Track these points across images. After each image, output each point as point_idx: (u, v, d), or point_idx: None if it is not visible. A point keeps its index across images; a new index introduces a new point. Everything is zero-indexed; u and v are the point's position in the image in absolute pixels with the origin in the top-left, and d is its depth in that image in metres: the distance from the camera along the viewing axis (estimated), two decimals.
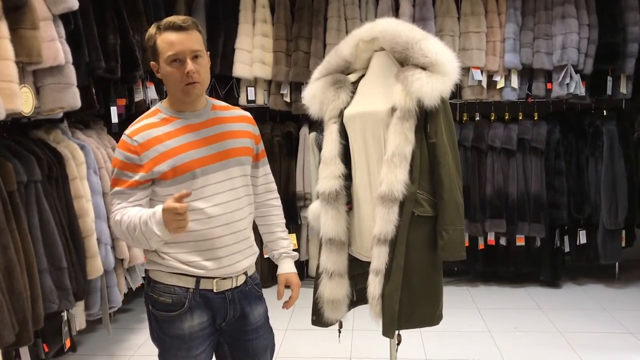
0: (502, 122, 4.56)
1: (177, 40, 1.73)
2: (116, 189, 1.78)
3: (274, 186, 2.14)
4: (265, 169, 2.10)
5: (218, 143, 1.85)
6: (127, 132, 1.81)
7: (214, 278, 1.84)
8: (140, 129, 1.80)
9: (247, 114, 2.04)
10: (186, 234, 1.74)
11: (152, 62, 1.83)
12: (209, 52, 1.86)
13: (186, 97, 1.80)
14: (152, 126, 1.80)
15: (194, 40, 1.77)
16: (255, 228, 2.03)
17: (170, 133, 1.80)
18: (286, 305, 2.11)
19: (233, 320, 1.91)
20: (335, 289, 2.31)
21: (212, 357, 1.96)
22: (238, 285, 1.91)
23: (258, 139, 2.04)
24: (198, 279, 1.83)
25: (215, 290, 1.85)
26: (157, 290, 1.84)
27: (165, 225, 1.64)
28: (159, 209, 1.67)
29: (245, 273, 1.95)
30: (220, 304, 1.87)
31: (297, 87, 4.48)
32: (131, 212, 1.74)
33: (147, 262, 1.91)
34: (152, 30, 1.79)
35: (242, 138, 1.93)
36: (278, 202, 2.15)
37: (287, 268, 2.11)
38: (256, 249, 2.00)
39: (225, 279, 1.87)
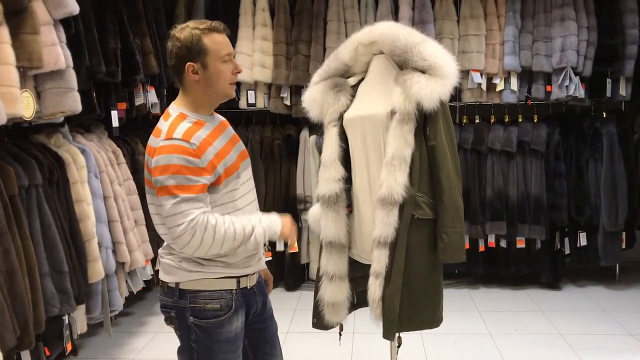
0: (501, 124, 4.57)
1: (225, 42, 1.83)
2: (182, 195, 1.70)
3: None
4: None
5: (237, 144, 1.95)
6: (176, 135, 1.73)
7: (248, 275, 1.92)
8: (190, 131, 1.76)
9: None
10: None
11: (189, 63, 1.78)
12: None
13: (227, 97, 1.87)
14: (196, 129, 1.79)
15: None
16: None
17: (211, 135, 1.82)
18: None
19: (258, 312, 2.00)
20: (335, 291, 2.32)
21: None
22: (258, 279, 2.01)
23: None
24: (238, 279, 1.88)
25: (248, 287, 1.93)
26: (202, 299, 1.83)
27: (282, 231, 1.89)
28: (270, 216, 1.88)
29: None
30: (253, 298, 1.96)
31: (297, 91, 4.49)
32: (226, 218, 1.79)
33: (174, 275, 1.84)
34: (192, 31, 1.78)
35: (241, 140, 2.03)
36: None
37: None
38: None
39: (253, 274, 1.96)
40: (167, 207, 1.71)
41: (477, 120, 4.65)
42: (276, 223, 1.89)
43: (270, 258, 4.38)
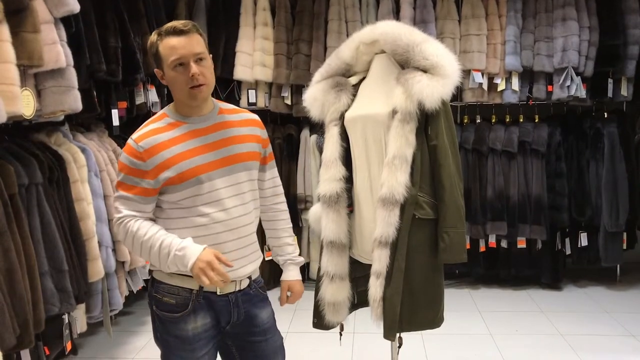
0: (503, 124, 4.56)
1: (179, 45, 1.73)
2: (121, 192, 1.78)
3: (281, 190, 2.14)
4: (273, 172, 2.10)
5: (224, 148, 1.85)
6: (133, 136, 1.79)
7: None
8: (146, 134, 1.79)
9: (256, 117, 2.03)
10: (192, 239, 1.75)
11: (156, 69, 1.83)
12: (211, 55, 1.85)
13: (193, 101, 1.80)
14: (158, 131, 1.79)
15: (196, 43, 1.76)
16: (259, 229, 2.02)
17: (176, 139, 1.79)
18: (281, 302, 2.13)
19: (239, 323, 1.91)
20: (336, 291, 2.32)
21: (215, 359, 1.96)
22: (242, 288, 1.91)
23: (266, 143, 2.04)
24: None
25: (218, 293, 1.85)
26: (161, 291, 1.84)
27: (194, 267, 1.67)
28: (187, 247, 1.70)
29: (250, 277, 1.95)
30: (224, 307, 1.87)
31: (297, 90, 4.49)
32: (150, 229, 1.75)
33: (150, 263, 1.90)
34: (153, 37, 1.79)
35: (249, 142, 1.93)
36: (285, 207, 2.15)
37: (291, 275, 2.12)
38: (260, 254, 2.00)
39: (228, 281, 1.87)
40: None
41: (478, 120, 4.65)
42: (190, 256, 1.69)
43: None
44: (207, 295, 1.84)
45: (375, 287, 2.18)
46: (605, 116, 4.51)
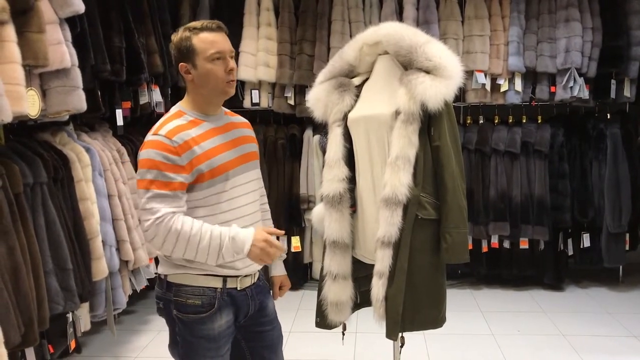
0: (505, 125, 4.56)
1: (218, 39, 1.81)
2: (156, 191, 1.71)
3: (264, 190, 2.20)
4: (259, 172, 2.11)
5: (240, 146, 1.92)
6: (161, 132, 1.76)
7: (238, 277, 1.89)
8: (176, 129, 1.78)
9: (246, 120, 2.11)
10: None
11: (181, 63, 1.83)
12: None
13: (224, 95, 1.86)
14: (185, 127, 1.80)
15: (229, 41, 1.85)
16: None
17: (203, 135, 1.82)
18: (275, 296, 2.17)
19: (252, 315, 1.97)
20: (339, 291, 2.33)
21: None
22: (255, 281, 1.98)
23: (257, 144, 2.11)
24: (225, 278, 1.86)
25: (238, 288, 1.90)
26: (184, 294, 1.84)
27: (252, 252, 1.71)
28: (239, 233, 1.72)
29: (259, 270, 2.02)
30: (244, 301, 1.92)
31: (301, 90, 4.50)
32: (194, 223, 1.72)
33: (163, 266, 1.88)
34: (184, 33, 1.82)
35: (253, 143, 2.02)
36: (267, 207, 2.21)
37: (279, 270, 2.20)
38: None
39: (246, 276, 1.92)
40: (142, 200, 1.74)
41: (481, 121, 4.65)
42: (245, 240, 1.73)
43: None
44: (230, 292, 1.88)
45: (378, 287, 2.19)
46: (608, 117, 4.51)
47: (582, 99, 4.38)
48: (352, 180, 2.32)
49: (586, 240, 4.45)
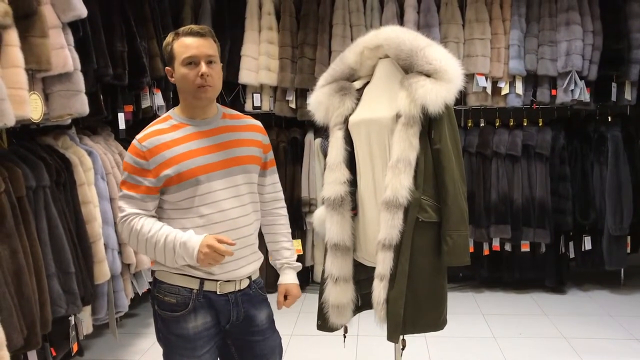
0: (506, 128, 4.57)
1: (193, 44, 1.81)
2: (125, 192, 1.83)
3: (281, 195, 2.16)
4: (274, 178, 2.12)
5: (224, 151, 1.89)
6: (137, 137, 1.86)
7: (217, 281, 1.88)
8: (150, 134, 1.85)
9: (258, 123, 2.07)
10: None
11: (167, 68, 1.90)
12: (221, 65, 1.92)
13: (197, 100, 1.85)
14: (162, 132, 1.85)
15: (209, 46, 1.83)
16: (260, 235, 2.05)
17: (178, 139, 1.84)
18: (279, 305, 2.13)
19: (238, 322, 1.94)
20: (340, 294, 2.33)
21: (216, 358, 1.99)
22: (241, 288, 1.94)
23: (267, 148, 2.07)
24: (202, 280, 1.86)
25: (218, 292, 1.89)
26: (163, 291, 1.89)
27: (198, 257, 1.73)
28: (191, 239, 1.75)
29: (250, 277, 1.98)
30: (224, 306, 1.90)
31: (302, 94, 4.51)
32: (154, 225, 1.80)
33: (154, 263, 1.94)
34: (169, 37, 1.87)
35: (249, 147, 1.96)
36: (284, 212, 2.17)
37: (287, 279, 2.13)
38: (260, 255, 2.03)
39: (228, 282, 1.90)
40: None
41: (482, 124, 4.66)
42: (194, 246, 1.74)
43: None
44: (207, 295, 1.88)
45: (379, 290, 2.19)
46: (609, 120, 4.52)
47: (583, 101, 4.39)
48: (353, 183, 2.33)
49: (587, 243, 4.45)
